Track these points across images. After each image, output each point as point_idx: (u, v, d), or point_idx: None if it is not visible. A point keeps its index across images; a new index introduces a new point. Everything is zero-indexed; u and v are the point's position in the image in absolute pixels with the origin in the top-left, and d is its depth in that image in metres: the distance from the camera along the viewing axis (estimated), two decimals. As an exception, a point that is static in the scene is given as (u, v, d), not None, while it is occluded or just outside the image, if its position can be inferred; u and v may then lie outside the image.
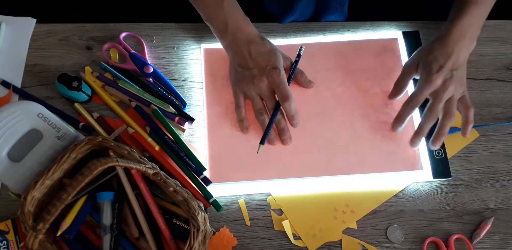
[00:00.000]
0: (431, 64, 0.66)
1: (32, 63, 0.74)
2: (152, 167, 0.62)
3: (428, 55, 0.67)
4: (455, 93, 0.66)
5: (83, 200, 0.63)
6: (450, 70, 0.65)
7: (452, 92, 0.66)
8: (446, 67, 0.65)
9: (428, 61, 0.66)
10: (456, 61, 0.66)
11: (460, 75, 0.67)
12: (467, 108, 0.67)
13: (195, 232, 0.58)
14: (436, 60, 0.66)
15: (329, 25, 0.77)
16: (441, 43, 0.67)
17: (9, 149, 0.61)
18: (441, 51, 0.66)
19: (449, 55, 0.66)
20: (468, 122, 0.66)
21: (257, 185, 0.68)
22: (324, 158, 0.68)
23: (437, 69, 0.65)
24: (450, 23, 0.68)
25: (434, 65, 0.65)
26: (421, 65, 0.67)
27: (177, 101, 0.72)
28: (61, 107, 0.71)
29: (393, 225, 0.67)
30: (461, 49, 0.66)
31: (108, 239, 0.60)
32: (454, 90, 0.66)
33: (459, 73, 0.67)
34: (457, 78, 0.66)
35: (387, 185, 0.68)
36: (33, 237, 0.57)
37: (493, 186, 0.69)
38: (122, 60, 0.75)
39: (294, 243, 0.66)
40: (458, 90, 0.66)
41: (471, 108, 0.67)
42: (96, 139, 0.63)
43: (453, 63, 0.66)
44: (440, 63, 0.65)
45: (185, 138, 0.70)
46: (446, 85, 0.65)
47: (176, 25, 0.77)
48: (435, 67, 0.65)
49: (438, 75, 0.65)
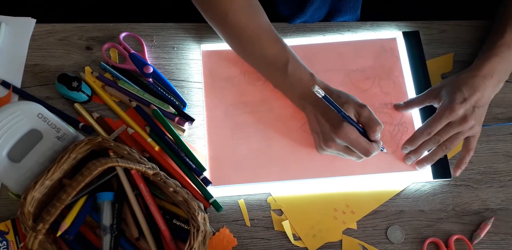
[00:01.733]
0: (456, 94, 0.64)
1: (32, 63, 0.74)
2: (152, 167, 0.62)
3: (453, 86, 0.65)
4: (470, 131, 0.65)
5: (83, 200, 0.63)
6: (473, 106, 0.64)
7: (468, 128, 0.64)
8: (470, 102, 0.63)
9: (453, 91, 0.64)
10: (480, 98, 0.64)
11: (481, 114, 0.66)
12: (467, 151, 0.66)
13: (195, 232, 0.58)
14: (461, 92, 0.64)
15: (329, 25, 0.77)
16: (469, 77, 0.65)
17: (9, 149, 0.61)
18: (467, 85, 0.64)
19: (475, 91, 0.64)
20: (461, 164, 0.66)
21: (257, 186, 0.68)
22: (324, 159, 0.68)
23: (461, 100, 0.63)
24: (481, 60, 0.67)
25: (459, 96, 0.64)
26: (444, 93, 0.66)
27: (177, 102, 0.72)
28: (61, 107, 0.71)
29: (393, 226, 0.67)
30: (488, 86, 0.65)
31: (108, 239, 0.60)
32: (470, 128, 0.64)
33: (481, 112, 0.65)
34: (478, 115, 0.64)
35: (387, 185, 0.68)
36: (33, 238, 0.57)
37: (493, 186, 0.69)
38: (122, 60, 0.74)
39: (294, 243, 0.66)
40: (474, 129, 0.65)
41: (471, 153, 0.66)
42: (96, 139, 0.63)
43: (477, 99, 0.64)
44: (465, 96, 0.64)
45: (185, 138, 0.70)
46: (466, 119, 0.63)
47: (176, 25, 0.77)
48: (459, 98, 0.64)
49: (461, 106, 0.63)
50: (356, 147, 0.61)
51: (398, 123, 0.71)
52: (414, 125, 0.70)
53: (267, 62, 0.68)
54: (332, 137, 0.62)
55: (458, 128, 0.64)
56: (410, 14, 0.79)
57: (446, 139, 0.65)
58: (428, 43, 0.76)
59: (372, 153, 0.61)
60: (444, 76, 0.74)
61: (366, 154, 0.61)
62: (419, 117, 0.71)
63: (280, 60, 0.66)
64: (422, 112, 0.71)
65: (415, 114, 0.71)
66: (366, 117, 0.62)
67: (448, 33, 0.77)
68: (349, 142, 0.61)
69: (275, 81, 0.70)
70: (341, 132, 0.60)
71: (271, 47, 0.67)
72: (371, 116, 0.62)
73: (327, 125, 0.62)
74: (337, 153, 0.65)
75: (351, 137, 0.60)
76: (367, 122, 0.62)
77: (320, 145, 0.65)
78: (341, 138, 0.61)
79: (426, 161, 0.67)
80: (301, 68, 0.66)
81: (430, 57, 0.75)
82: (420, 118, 0.71)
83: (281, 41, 0.67)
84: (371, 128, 0.62)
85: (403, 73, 0.73)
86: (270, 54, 0.67)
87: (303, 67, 0.67)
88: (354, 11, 0.76)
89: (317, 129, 0.65)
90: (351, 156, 0.64)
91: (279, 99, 0.71)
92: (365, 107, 0.62)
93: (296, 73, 0.66)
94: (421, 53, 0.75)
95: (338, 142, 0.62)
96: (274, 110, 0.71)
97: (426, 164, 0.67)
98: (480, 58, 0.67)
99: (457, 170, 0.67)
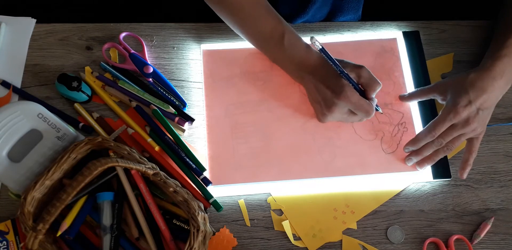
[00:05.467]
0: (461, 96, 0.64)
1: (32, 63, 0.74)
2: (152, 167, 0.62)
3: (461, 86, 0.65)
4: (472, 133, 0.65)
5: (83, 200, 0.63)
6: (477, 108, 0.64)
7: (470, 130, 0.65)
8: (475, 104, 0.63)
9: (459, 93, 0.64)
10: (486, 100, 0.64)
11: (485, 116, 0.66)
12: (470, 152, 0.66)
13: (195, 232, 0.58)
14: (467, 95, 0.63)
15: (329, 25, 0.77)
16: (478, 78, 0.65)
17: (9, 149, 0.61)
18: (475, 87, 0.64)
19: (482, 93, 0.64)
20: (466, 166, 0.66)
21: (257, 186, 0.68)
22: (324, 159, 0.68)
23: (466, 103, 0.63)
24: (491, 60, 0.66)
25: (464, 99, 0.63)
26: (450, 92, 0.66)
27: (177, 102, 0.72)
28: (61, 107, 0.71)
29: (393, 226, 0.67)
30: (495, 88, 0.64)
31: (108, 239, 0.60)
32: (472, 130, 0.65)
33: (485, 114, 0.65)
34: (481, 118, 0.64)
35: (387, 185, 0.68)
36: (33, 238, 0.57)
37: (493, 186, 0.69)
38: (122, 60, 0.74)
39: (294, 243, 0.66)
40: (476, 131, 0.65)
41: (474, 154, 0.66)
42: (96, 139, 0.63)
43: (483, 101, 0.64)
44: (470, 99, 0.63)
45: (185, 138, 0.70)
46: (469, 122, 0.64)
47: (176, 25, 0.77)
48: (464, 101, 0.63)
49: (465, 109, 0.63)
50: (359, 108, 0.63)
51: (398, 124, 0.71)
52: (414, 125, 0.71)
53: (265, 37, 0.68)
54: (335, 101, 0.63)
55: (461, 130, 0.64)
56: (410, 14, 0.79)
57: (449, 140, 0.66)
58: (428, 43, 0.76)
59: (373, 113, 0.64)
60: (444, 76, 0.74)
61: (368, 114, 0.64)
62: (419, 118, 0.71)
63: (276, 34, 0.67)
64: (422, 113, 0.71)
65: (415, 115, 0.71)
66: (366, 77, 0.64)
67: (448, 33, 0.77)
68: (351, 105, 0.63)
69: (273, 56, 0.71)
70: (343, 95, 0.62)
71: (267, 22, 0.67)
72: (371, 76, 0.64)
73: (328, 91, 0.64)
74: (340, 118, 0.67)
75: (352, 99, 0.62)
76: (367, 82, 0.64)
77: (323, 112, 0.66)
78: (344, 101, 0.62)
79: (427, 162, 0.67)
80: (297, 40, 0.67)
81: (430, 57, 0.75)
82: (420, 119, 0.71)
83: (277, 16, 0.68)
84: (372, 87, 0.64)
85: (403, 73, 0.73)
86: (266, 29, 0.67)
87: (299, 39, 0.68)
88: (355, 11, 0.76)
89: (317, 98, 0.66)
90: (354, 118, 0.66)
91: (279, 99, 0.71)
92: (363, 67, 0.64)
93: (293, 45, 0.67)
94: (421, 53, 0.75)
95: (341, 105, 0.64)
96: (274, 110, 0.71)
97: (427, 164, 0.67)
98: (489, 58, 0.66)
99: (463, 172, 0.67)
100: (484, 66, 0.66)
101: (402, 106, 0.72)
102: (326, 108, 0.65)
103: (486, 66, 0.65)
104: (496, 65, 0.65)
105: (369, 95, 0.65)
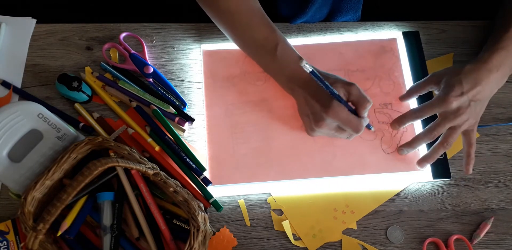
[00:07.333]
0: (454, 86, 0.63)
1: (32, 64, 0.74)
2: (152, 167, 0.62)
3: (455, 75, 0.64)
4: (465, 124, 0.64)
5: (83, 200, 0.63)
6: (470, 99, 0.63)
7: (462, 121, 0.64)
8: (467, 95, 0.63)
9: (452, 82, 0.64)
10: (480, 92, 0.63)
11: (478, 109, 0.65)
12: (469, 145, 0.66)
13: (195, 232, 0.58)
14: (460, 85, 0.63)
15: (329, 25, 0.77)
16: (473, 70, 0.64)
17: (9, 149, 0.61)
18: (470, 78, 0.63)
19: (476, 84, 0.63)
20: (470, 160, 0.66)
21: (257, 186, 0.68)
22: (324, 159, 0.68)
23: (458, 94, 0.63)
24: (488, 52, 0.65)
25: (456, 89, 0.63)
26: (444, 82, 0.65)
27: (177, 102, 0.72)
28: (61, 107, 0.71)
29: (393, 226, 0.67)
30: (490, 81, 0.64)
31: (108, 239, 0.60)
32: (464, 121, 0.64)
33: (478, 107, 0.64)
34: (473, 110, 0.64)
35: (387, 185, 0.68)
36: (33, 238, 0.57)
37: (493, 186, 0.69)
38: (122, 61, 0.75)
39: (294, 243, 0.66)
40: (469, 122, 0.64)
41: (474, 146, 0.66)
42: (96, 139, 0.63)
43: (476, 93, 0.63)
44: (463, 90, 0.63)
45: (185, 138, 0.70)
46: (460, 112, 0.63)
47: (176, 25, 0.77)
48: (456, 91, 0.63)
49: (456, 99, 0.63)
50: (347, 124, 0.62)
51: (398, 124, 0.71)
52: (414, 125, 0.71)
53: (257, 45, 0.68)
54: (323, 116, 0.62)
55: (452, 121, 0.64)
56: (410, 14, 0.79)
57: (445, 135, 0.65)
58: (428, 43, 0.76)
59: (362, 130, 0.62)
60: (444, 76, 0.74)
61: (357, 131, 0.62)
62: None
63: (269, 43, 0.67)
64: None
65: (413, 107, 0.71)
66: (356, 95, 0.63)
67: (448, 33, 0.77)
68: (339, 120, 0.62)
69: (265, 65, 0.70)
70: (331, 110, 0.61)
71: (261, 31, 0.67)
72: (361, 94, 0.63)
73: (317, 105, 0.63)
74: (328, 133, 0.65)
75: (341, 115, 0.61)
76: (357, 100, 0.63)
77: (311, 126, 0.65)
78: (331, 116, 0.61)
79: (427, 160, 0.67)
80: (290, 51, 0.67)
81: (430, 57, 0.75)
82: (420, 119, 0.71)
83: (271, 25, 0.68)
84: (362, 105, 0.62)
85: (403, 74, 0.73)
86: (260, 38, 0.67)
87: (292, 50, 0.67)
88: (355, 12, 0.76)
89: (307, 111, 0.65)
90: (342, 135, 0.65)
91: (279, 99, 0.71)
92: (353, 85, 0.63)
93: (285, 56, 0.66)
94: (421, 53, 0.75)
95: (329, 121, 0.62)
96: (274, 110, 0.71)
97: (428, 163, 0.67)
98: (487, 51, 0.66)
99: (468, 167, 0.66)
100: (481, 58, 0.65)
101: (402, 106, 0.72)
102: (315, 123, 0.64)
103: (483, 59, 0.65)
104: (493, 57, 0.64)
105: (360, 114, 0.63)
